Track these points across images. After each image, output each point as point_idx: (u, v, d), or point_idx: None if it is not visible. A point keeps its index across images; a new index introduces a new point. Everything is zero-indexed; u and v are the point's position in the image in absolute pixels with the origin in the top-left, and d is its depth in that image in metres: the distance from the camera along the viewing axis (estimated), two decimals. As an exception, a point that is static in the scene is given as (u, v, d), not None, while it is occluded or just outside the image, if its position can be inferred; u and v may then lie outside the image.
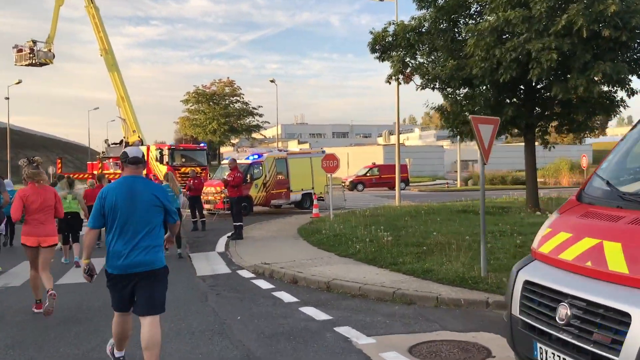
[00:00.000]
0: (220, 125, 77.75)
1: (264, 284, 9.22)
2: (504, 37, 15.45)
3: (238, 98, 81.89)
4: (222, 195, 23.91)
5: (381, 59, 20.25)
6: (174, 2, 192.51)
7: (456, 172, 69.16)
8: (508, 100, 17.75)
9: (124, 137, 36.35)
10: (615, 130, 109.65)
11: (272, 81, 51.02)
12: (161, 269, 4.88)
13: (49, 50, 38.12)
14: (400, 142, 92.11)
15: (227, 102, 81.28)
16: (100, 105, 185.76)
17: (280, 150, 28.58)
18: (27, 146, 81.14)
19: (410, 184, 45.27)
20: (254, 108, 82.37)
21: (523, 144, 19.59)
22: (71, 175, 15.45)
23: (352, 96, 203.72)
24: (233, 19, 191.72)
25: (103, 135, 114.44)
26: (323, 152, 30.43)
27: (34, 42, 37.46)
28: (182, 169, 30.90)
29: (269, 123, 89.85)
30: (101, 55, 37.30)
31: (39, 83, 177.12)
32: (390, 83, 20.08)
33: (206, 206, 22.51)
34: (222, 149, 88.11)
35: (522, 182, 45.30)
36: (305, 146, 63.11)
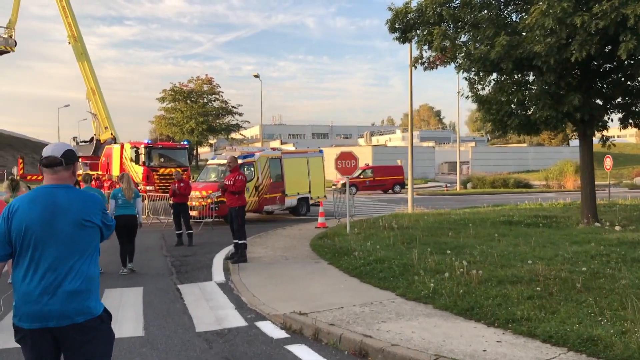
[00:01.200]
0: (199, 125, 73.84)
1: (310, 357, 5.73)
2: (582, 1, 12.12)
3: (217, 96, 77.98)
4: (209, 200, 20.38)
5: (402, 39, 16.92)
6: (148, 2, 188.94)
7: (444, 173, 66.57)
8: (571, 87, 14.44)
9: (95, 135, 32.40)
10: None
11: (256, 76, 47.46)
12: (94, 320, 3.28)
13: (10, 37, 34.04)
14: (382, 143, 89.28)
15: (205, 101, 77.35)
16: (71, 104, 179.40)
17: (273, 150, 25.00)
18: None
19: (405, 187, 41.98)
20: (233, 107, 78.53)
21: (509, 145, 16.35)
22: (21, 177, 11.92)
23: (327, 98, 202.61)
24: (208, 20, 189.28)
25: (75, 134, 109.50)
26: (321, 151, 27.00)
27: (-8, 26, 33.40)
28: (161, 170, 27.17)
29: (249, 123, 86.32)
30: (69, 43, 33.33)
31: (7, 83, 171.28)
32: (416, 67, 16.73)
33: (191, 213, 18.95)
34: (200, 149, 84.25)
35: (525, 185, 42.56)
36: (289, 147, 59.52)
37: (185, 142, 29.23)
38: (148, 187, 26.39)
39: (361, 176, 41.04)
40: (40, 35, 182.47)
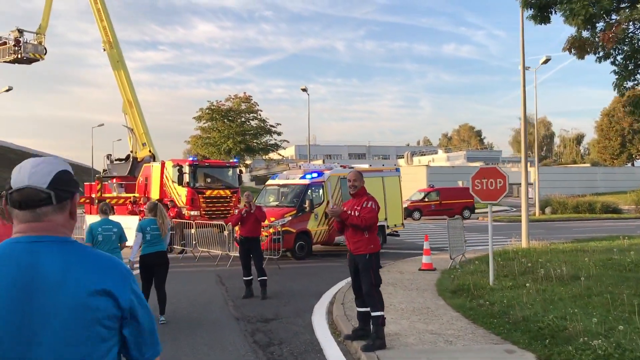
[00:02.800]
0: (236, 144, 70.37)
1: None
2: None
3: (255, 115, 74.57)
4: (271, 230, 16.16)
5: (539, 18, 12.61)
6: (181, 28, 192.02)
7: (509, 196, 61.22)
8: None
9: (131, 152, 28.57)
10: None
11: (304, 89, 43.51)
12: None
13: (40, 43, 30.67)
14: (424, 163, 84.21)
15: (243, 119, 74.03)
16: (106, 127, 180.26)
17: (344, 168, 20.73)
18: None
19: (476, 211, 37.16)
20: (271, 126, 74.95)
21: (572, 165, 11.75)
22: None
23: (356, 120, 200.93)
24: (240, 45, 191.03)
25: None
26: (397, 170, 22.62)
27: (20, 32, 29.94)
28: (208, 192, 23.13)
29: (288, 142, 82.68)
30: (104, 50, 29.78)
31: (44, 106, 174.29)
32: (571, 52, 12.30)
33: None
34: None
35: (614, 210, 37.27)
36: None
37: (236, 160, 25.17)
38: (192, 212, 22.37)
39: (426, 199, 36.46)
40: (78, 60, 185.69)
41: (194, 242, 17.77)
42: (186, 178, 22.93)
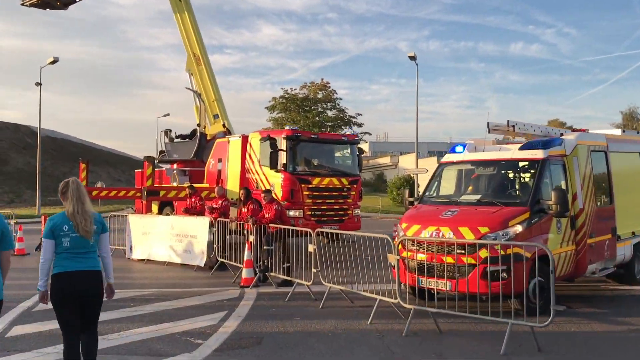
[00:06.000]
0: (313, 137, 62.10)
1: None
2: None
3: (333, 104, 66.07)
4: (499, 249, 7.39)
5: None
6: (247, 31, 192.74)
7: None
8: None
9: (198, 125, 20.48)
10: None
11: (412, 57, 34.59)
12: None
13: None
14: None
15: (319, 109, 65.76)
16: (173, 124, 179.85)
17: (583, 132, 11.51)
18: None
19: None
20: (351, 117, 66.11)
21: None
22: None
23: (421, 121, 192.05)
24: (303, 47, 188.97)
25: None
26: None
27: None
28: (315, 181, 14.80)
29: (370, 134, 73.83)
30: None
31: (117, 109, 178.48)
32: None
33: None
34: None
35: None
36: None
37: (354, 133, 16.54)
38: (292, 212, 14.04)
39: None
40: (150, 64, 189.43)
41: (314, 270, 9.24)
42: (282, 158, 14.55)
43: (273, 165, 14.55)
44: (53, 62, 34.59)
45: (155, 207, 19.14)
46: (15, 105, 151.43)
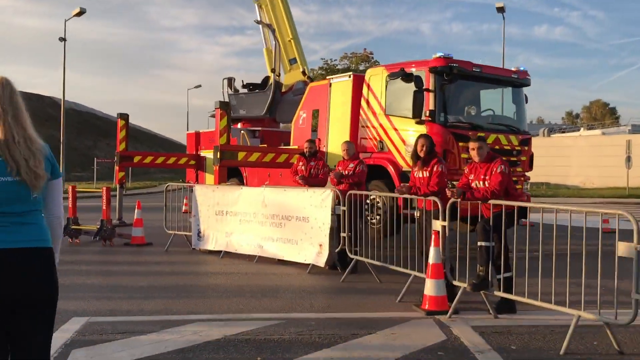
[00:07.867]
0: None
1: None
2: None
3: (377, 77, 60.73)
4: None
5: None
6: None
7: None
8: None
9: (273, 71, 15.25)
10: None
11: (500, 8, 29.28)
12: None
13: None
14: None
15: (363, 82, 60.46)
16: (198, 107, 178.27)
17: None
18: (111, 135, 63.69)
19: None
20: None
21: None
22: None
23: None
24: (324, 29, 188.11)
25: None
26: None
27: None
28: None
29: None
30: None
31: (139, 89, 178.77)
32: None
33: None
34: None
35: None
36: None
37: (524, 69, 11.21)
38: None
39: None
40: (170, 45, 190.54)
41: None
42: (431, 101, 9.44)
43: (416, 113, 9.43)
44: (79, 14, 29.90)
45: (210, 179, 14.12)
46: (39, 84, 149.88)
